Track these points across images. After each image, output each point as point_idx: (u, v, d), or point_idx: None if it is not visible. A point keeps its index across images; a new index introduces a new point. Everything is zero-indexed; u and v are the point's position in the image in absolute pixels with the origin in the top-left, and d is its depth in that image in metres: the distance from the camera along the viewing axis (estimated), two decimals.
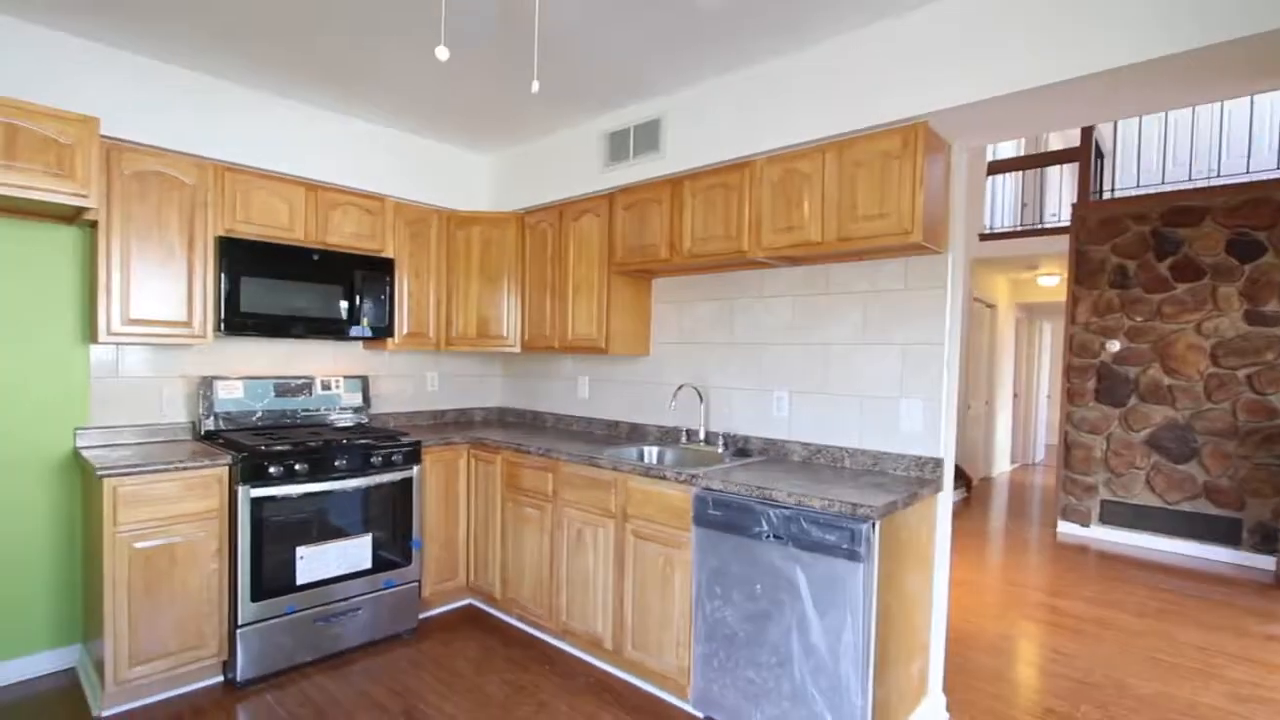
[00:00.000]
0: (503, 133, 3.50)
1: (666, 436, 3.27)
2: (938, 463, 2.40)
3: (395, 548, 3.02)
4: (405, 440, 3.07)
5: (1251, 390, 4.72)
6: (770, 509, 2.14)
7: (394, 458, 3.00)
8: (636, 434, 3.41)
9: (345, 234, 3.23)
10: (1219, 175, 5.97)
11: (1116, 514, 5.33)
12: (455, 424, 3.95)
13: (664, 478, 2.48)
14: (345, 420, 3.41)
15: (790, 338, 2.83)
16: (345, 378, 3.45)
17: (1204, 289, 4.94)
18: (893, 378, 2.53)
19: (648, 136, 2.93)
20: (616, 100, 3.00)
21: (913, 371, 2.48)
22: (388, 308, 3.31)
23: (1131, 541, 5.25)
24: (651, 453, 3.10)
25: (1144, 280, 5.19)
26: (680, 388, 3.05)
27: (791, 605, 2.09)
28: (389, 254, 3.40)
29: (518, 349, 3.65)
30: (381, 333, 3.30)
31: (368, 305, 3.22)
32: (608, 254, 3.14)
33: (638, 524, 2.59)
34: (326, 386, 3.35)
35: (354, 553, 2.86)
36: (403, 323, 3.47)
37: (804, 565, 2.06)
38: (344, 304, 3.13)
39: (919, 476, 2.43)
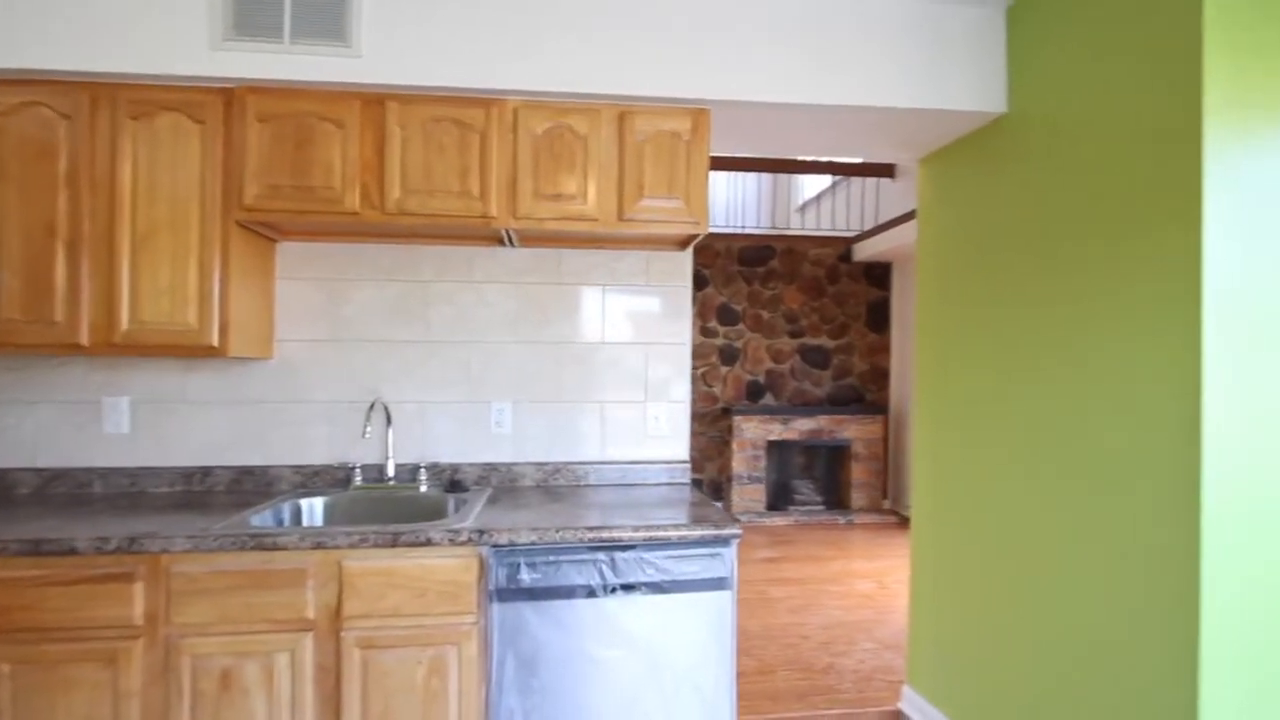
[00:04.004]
0: None
1: (317, 480, 2.17)
2: (685, 466, 2.36)
3: None
4: None
5: (704, 384, 6.43)
6: (610, 552, 1.66)
7: None
8: (251, 484, 2.15)
9: None
10: None
11: None
12: None
13: (427, 542, 1.62)
14: None
15: (514, 334, 2.29)
16: None
17: None
18: (638, 380, 2.35)
19: (324, 11, 1.86)
20: None
21: (658, 372, 2.36)
22: None
23: None
24: (312, 508, 2.00)
25: None
26: (372, 406, 2.07)
27: (651, 668, 1.67)
28: None
29: None
30: None
31: None
32: (221, 191, 1.86)
33: (369, 628, 1.62)
34: None
35: None
36: None
37: (663, 612, 1.68)
38: None
39: (670, 481, 2.33)
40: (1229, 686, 1.43)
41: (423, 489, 2.12)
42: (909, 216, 5.34)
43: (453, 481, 2.18)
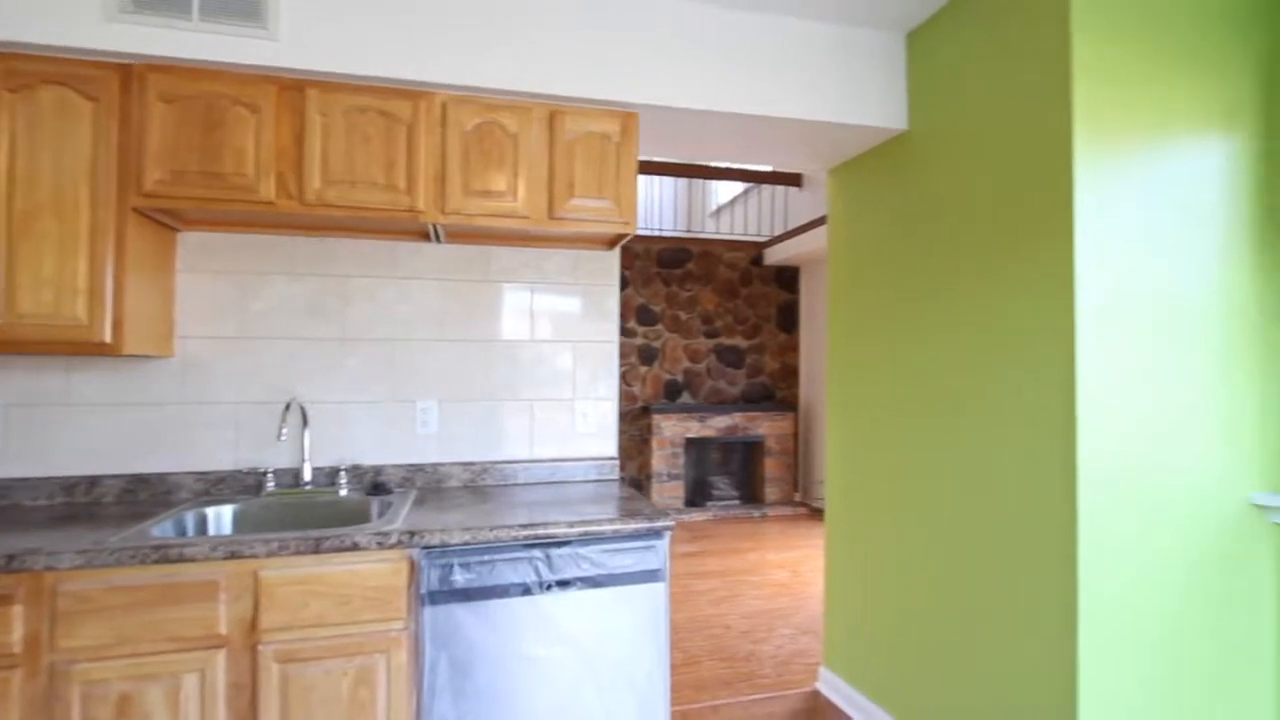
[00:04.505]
0: None
1: (223, 487, 2.03)
2: (614, 463, 2.39)
3: None
4: None
5: (624, 383, 6.49)
6: (545, 549, 1.67)
7: None
8: (146, 493, 1.98)
9: None
10: None
11: None
12: None
13: (353, 546, 1.56)
14: None
15: (440, 332, 2.24)
16: None
17: None
18: (566, 378, 2.36)
19: None
20: None
21: (586, 370, 2.38)
22: None
23: None
24: (219, 517, 1.87)
25: None
26: (288, 406, 1.95)
27: (587, 663, 1.68)
28: None
29: None
30: None
31: None
32: (117, 176, 1.70)
33: (289, 640, 1.53)
34: None
35: None
36: None
37: (599, 607, 1.70)
38: None
39: (600, 478, 2.36)
40: (1104, 651, 1.63)
41: (343, 493, 2.03)
42: (816, 224, 5.63)
43: (375, 484, 2.10)
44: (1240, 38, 1.78)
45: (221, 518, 1.88)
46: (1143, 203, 1.69)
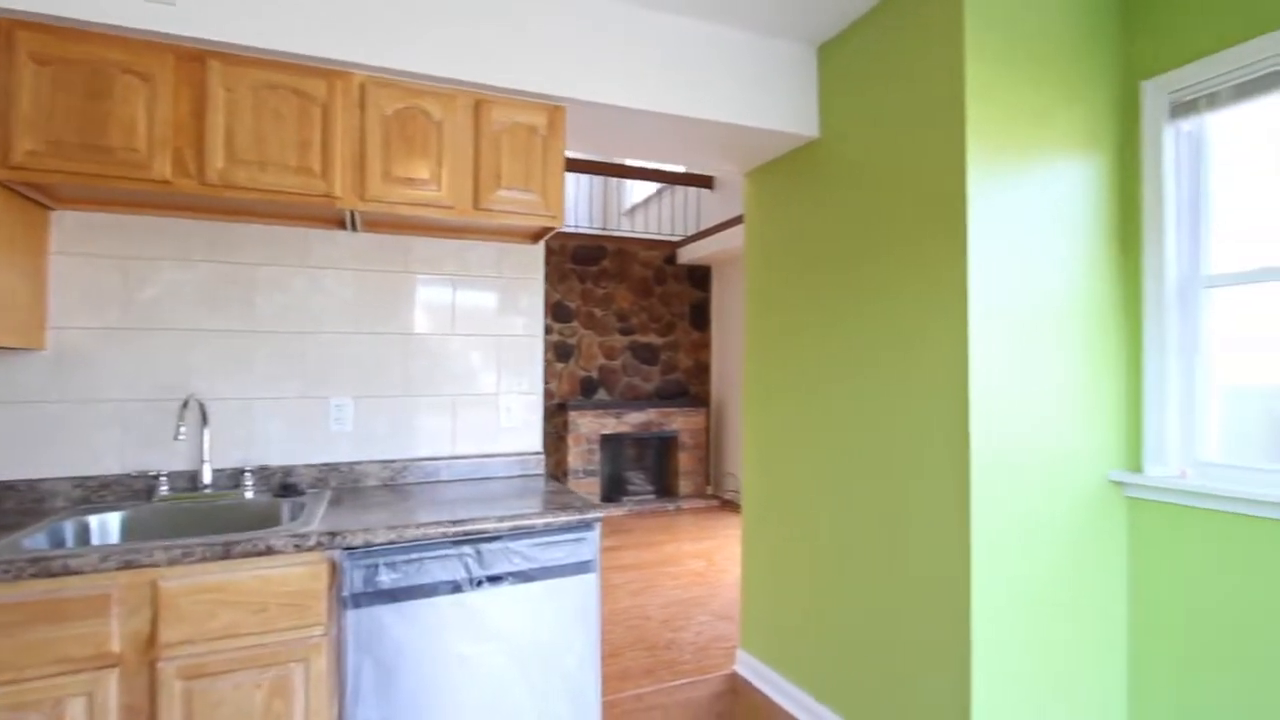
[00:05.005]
0: None
1: (106, 493, 1.84)
2: (539, 458, 2.37)
3: None
4: None
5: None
6: (476, 545, 1.64)
7: None
8: (13, 502, 1.75)
9: None
10: None
11: None
12: None
13: (267, 550, 1.46)
14: None
15: (356, 325, 2.14)
16: None
17: None
18: (490, 372, 2.32)
19: None
20: None
21: (510, 365, 2.35)
22: None
23: None
24: (105, 525, 1.70)
25: None
26: (185, 404, 1.79)
27: (518, 658, 1.67)
28: None
29: None
30: None
31: None
32: None
33: (194, 654, 1.42)
34: None
35: None
36: None
37: (530, 601, 1.69)
38: None
39: (525, 473, 2.34)
40: (992, 613, 1.81)
41: (249, 495, 1.90)
42: (727, 225, 5.82)
43: (285, 485, 1.98)
44: (1100, 69, 2.02)
45: (107, 526, 1.71)
46: (1022, 212, 1.89)
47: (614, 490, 6.30)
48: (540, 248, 2.40)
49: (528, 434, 2.37)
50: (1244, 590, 1.77)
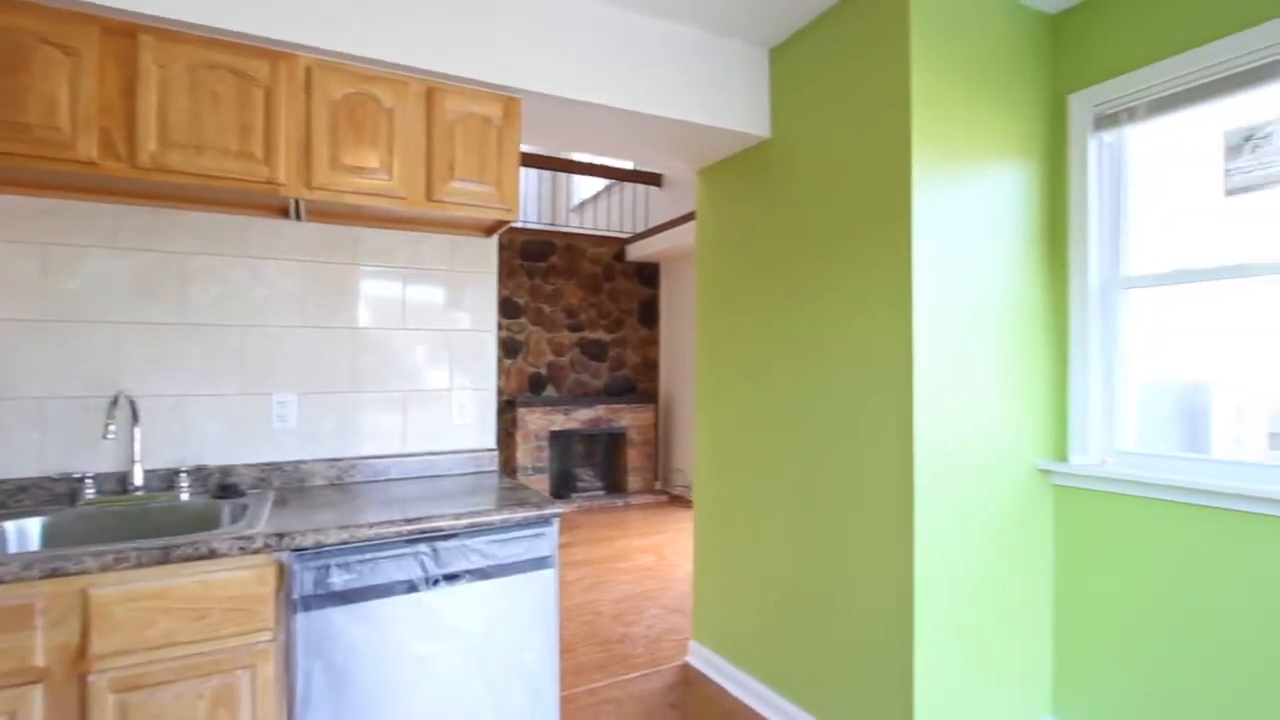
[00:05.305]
0: None
1: (23, 498, 1.70)
2: (493, 454, 2.34)
3: None
4: None
5: None
6: (432, 543, 1.61)
7: None
8: None
9: None
10: None
11: None
12: None
13: (210, 554, 1.39)
14: None
15: (300, 318, 2.06)
16: None
17: None
18: (443, 368, 2.27)
19: None
20: None
21: (463, 360, 2.31)
22: None
23: None
24: (23, 532, 1.58)
25: None
26: (114, 402, 1.68)
27: (476, 656, 1.65)
28: None
29: None
30: None
31: None
32: None
33: (131, 665, 1.34)
34: None
35: None
36: None
37: (488, 598, 1.66)
38: None
39: (478, 470, 2.30)
40: (932, 596, 1.90)
41: (184, 497, 1.80)
42: (676, 222, 5.87)
43: (223, 486, 1.89)
44: (1033, 82, 2.14)
45: (25, 533, 1.59)
46: (962, 214, 1.99)
47: (563, 487, 6.27)
48: (494, 241, 2.37)
49: (481, 430, 2.34)
50: (1156, 568, 1.92)
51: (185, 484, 1.82)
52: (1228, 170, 1.83)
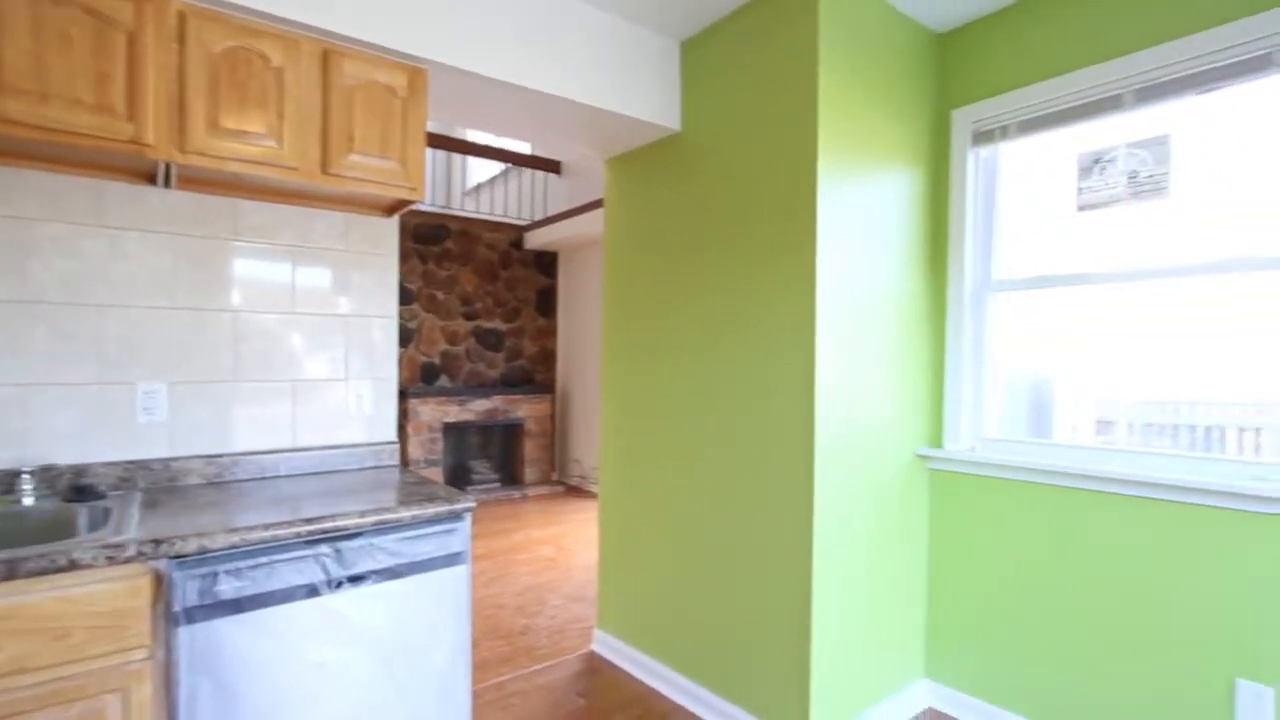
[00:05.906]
0: None
1: None
2: (394, 448, 2.22)
3: None
4: None
5: None
6: (335, 543, 1.50)
7: None
8: None
9: None
10: None
11: None
12: None
13: (69, 566, 1.21)
14: None
15: (170, 299, 1.83)
16: None
17: None
18: (338, 357, 2.12)
19: None
20: None
21: (360, 347, 2.17)
22: None
23: None
24: None
25: None
26: None
27: (384, 659, 1.55)
28: None
29: None
30: None
31: None
32: None
33: None
34: None
35: None
36: None
37: (397, 598, 1.58)
38: None
39: (378, 465, 2.17)
40: (827, 572, 2.03)
41: (28, 501, 1.56)
42: (575, 211, 5.81)
43: (77, 488, 1.65)
44: (923, 96, 2.32)
45: None
46: (860, 214, 2.12)
47: (458, 480, 6.07)
48: (394, 222, 2.23)
49: (380, 423, 2.21)
50: (1013, 542, 2.16)
51: (29, 486, 1.57)
52: (1080, 188, 2.08)
